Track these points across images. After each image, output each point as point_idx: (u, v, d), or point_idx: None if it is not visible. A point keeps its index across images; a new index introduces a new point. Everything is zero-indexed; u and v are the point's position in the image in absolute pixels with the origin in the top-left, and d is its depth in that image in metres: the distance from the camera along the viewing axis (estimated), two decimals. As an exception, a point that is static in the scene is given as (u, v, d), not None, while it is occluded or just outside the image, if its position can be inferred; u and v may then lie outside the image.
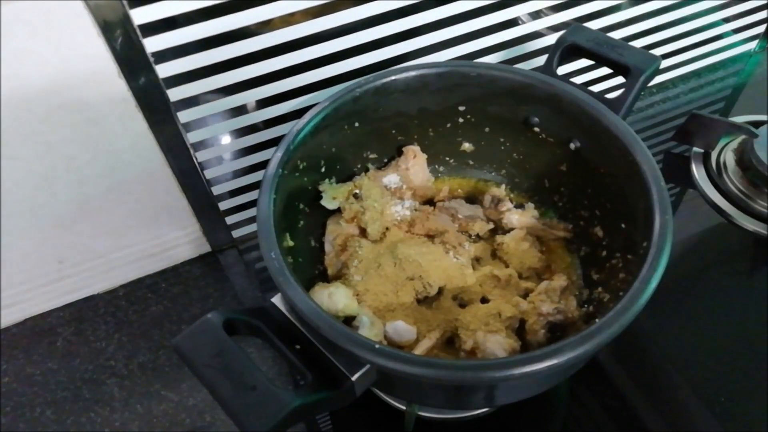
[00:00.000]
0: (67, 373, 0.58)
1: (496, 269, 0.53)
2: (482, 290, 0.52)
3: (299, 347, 0.39)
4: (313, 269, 0.54)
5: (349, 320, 0.47)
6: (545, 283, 0.51)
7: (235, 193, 0.62)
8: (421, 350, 0.47)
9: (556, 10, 0.64)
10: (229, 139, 0.57)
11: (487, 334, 0.46)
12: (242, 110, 0.55)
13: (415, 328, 0.48)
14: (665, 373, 0.55)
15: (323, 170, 0.54)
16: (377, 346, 0.36)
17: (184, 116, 0.53)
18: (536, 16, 0.63)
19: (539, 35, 0.65)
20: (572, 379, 0.52)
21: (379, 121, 0.55)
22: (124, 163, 0.54)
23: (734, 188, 0.67)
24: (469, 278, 0.52)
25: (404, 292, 0.50)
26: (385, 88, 0.52)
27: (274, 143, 0.58)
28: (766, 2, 0.79)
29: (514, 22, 0.62)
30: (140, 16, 0.45)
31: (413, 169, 0.57)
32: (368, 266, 0.51)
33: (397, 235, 0.55)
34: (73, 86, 0.47)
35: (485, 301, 0.51)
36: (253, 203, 0.60)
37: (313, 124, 0.49)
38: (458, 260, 0.53)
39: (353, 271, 0.51)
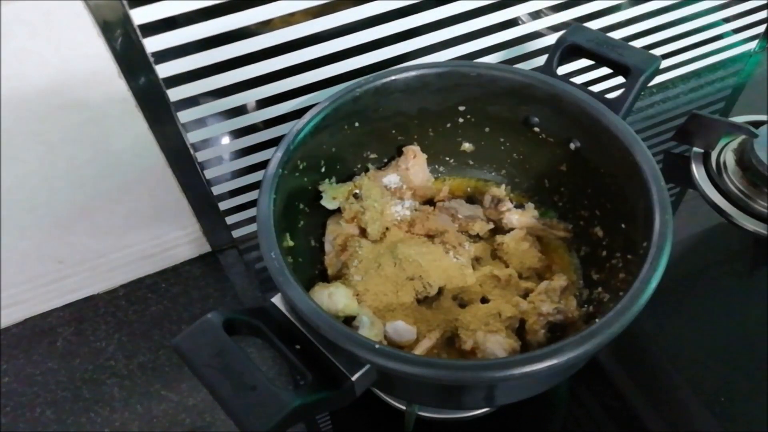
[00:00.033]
0: (67, 373, 0.58)
1: (496, 269, 0.53)
2: (482, 290, 0.52)
3: (299, 347, 0.39)
4: (313, 269, 0.54)
5: (349, 320, 0.47)
6: (545, 283, 0.51)
7: (235, 193, 0.62)
8: (421, 350, 0.47)
9: (556, 10, 0.64)
10: (229, 139, 0.57)
11: (487, 334, 0.46)
12: (242, 110, 0.55)
13: (415, 328, 0.48)
14: (665, 373, 0.55)
15: (323, 170, 0.54)
16: (377, 346, 0.36)
17: (184, 116, 0.53)
18: (536, 16, 0.63)
19: (539, 35, 0.65)
20: (572, 379, 0.52)
21: (379, 121, 0.55)
22: (124, 163, 0.54)
23: (734, 188, 0.67)
24: (469, 278, 0.52)
25: (404, 292, 0.50)
26: (385, 88, 0.52)
27: (274, 143, 0.58)
28: (765, 2, 0.79)
29: (514, 22, 0.62)
30: (140, 16, 0.45)
31: (413, 169, 0.57)
32: (368, 266, 0.51)
33: (397, 235, 0.55)
34: (73, 86, 0.47)
35: (485, 301, 0.51)
36: (253, 203, 0.60)
37: (313, 124, 0.49)
38: (458, 260, 0.53)
39: (353, 271, 0.51)
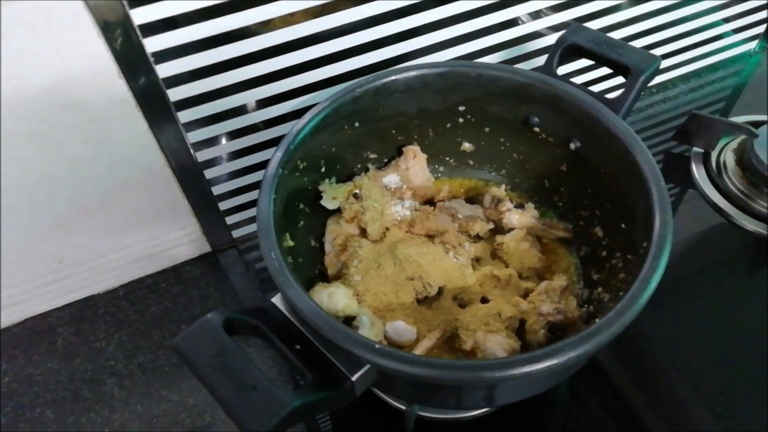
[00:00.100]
0: (67, 373, 0.58)
1: (496, 269, 0.53)
2: (482, 290, 0.52)
3: (299, 347, 0.39)
4: (313, 269, 0.54)
5: (349, 320, 0.47)
6: (545, 283, 0.51)
7: (235, 193, 0.62)
8: (421, 350, 0.47)
9: (556, 10, 0.64)
10: (229, 139, 0.57)
11: (487, 334, 0.46)
12: (242, 110, 0.55)
13: (415, 328, 0.48)
14: (665, 373, 0.55)
15: (323, 170, 0.54)
16: (377, 346, 0.36)
17: (184, 116, 0.53)
18: (536, 16, 0.63)
19: (539, 35, 0.65)
20: (572, 379, 0.52)
21: (379, 121, 0.55)
22: (124, 163, 0.54)
23: (734, 188, 0.67)
24: (469, 278, 0.52)
25: (404, 292, 0.50)
26: (385, 88, 0.52)
27: (274, 143, 0.58)
28: (765, 2, 0.79)
29: (514, 22, 0.62)
30: (140, 16, 0.45)
31: (413, 169, 0.57)
32: (368, 266, 0.51)
33: (397, 235, 0.55)
34: (73, 86, 0.47)
35: (485, 301, 0.51)
36: (253, 203, 0.60)
37: (313, 124, 0.49)
38: (458, 260, 0.53)
39: (353, 271, 0.51)
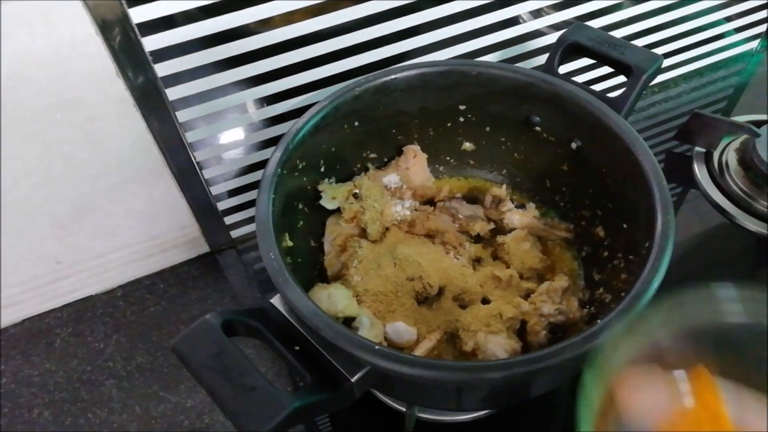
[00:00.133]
0: (65, 374, 0.58)
1: (496, 270, 0.52)
2: (483, 291, 0.52)
3: (298, 348, 0.39)
4: (312, 270, 0.54)
5: (348, 321, 0.47)
6: (546, 283, 0.50)
7: (233, 192, 0.62)
8: (421, 351, 0.47)
9: (557, 8, 0.64)
10: (227, 138, 0.57)
11: (488, 335, 0.46)
12: (241, 109, 0.55)
13: (415, 329, 0.48)
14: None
15: (323, 170, 0.54)
16: (377, 347, 0.36)
17: (182, 115, 0.53)
18: (537, 14, 0.63)
19: (540, 34, 0.65)
20: (573, 380, 0.52)
21: (379, 120, 0.55)
22: (122, 162, 0.54)
23: (736, 188, 0.66)
24: (469, 279, 0.52)
25: (404, 292, 0.50)
26: (385, 86, 0.52)
27: (273, 143, 0.58)
28: (767, 1, 0.78)
29: (515, 20, 0.62)
30: (139, 14, 0.45)
31: (413, 168, 0.57)
32: (368, 267, 0.51)
33: (397, 235, 0.55)
34: (71, 85, 0.47)
35: (486, 301, 0.51)
36: (251, 203, 0.60)
37: (312, 123, 0.49)
38: (458, 260, 0.53)
39: (353, 271, 0.51)
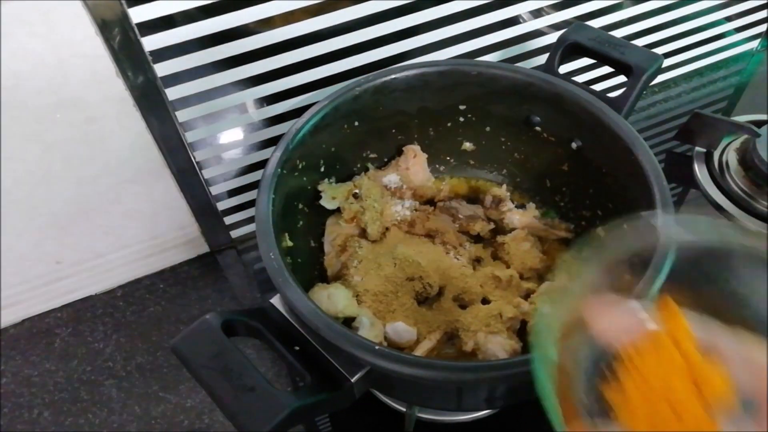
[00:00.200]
0: (65, 374, 0.57)
1: (497, 270, 0.52)
2: (483, 291, 0.52)
3: (298, 348, 0.39)
4: (312, 270, 0.54)
5: (348, 321, 0.47)
6: (546, 283, 0.50)
7: (233, 192, 0.62)
8: (421, 351, 0.47)
9: (557, 8, 0.64)
10: (227, 138, 0.57)
11: (488, 335, 0.46)
12: (241, 109, 0.55)
13: (415, 329, 0.48)
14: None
15: (323, 170, 0.53)
16: (377, 347, 0.36)
17: (182, 115, 0.53)
18: (537, 14, 0.63)
19: (540, 34, 0.65)
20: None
21: (379, 120, 0.55)
22: (122, 162, 0.54)
23: (736, 188, 0.66)
24: (469, 279, 0.52)
25: (404, 292, 0.50)
26: (385, 86, 0.52)
27: (272, 142, 0.58)
28: (767, 1, 0.78)
29: (515, 20, 0.62)
30: (138, 14, 0.45)
31: (413, 168, 0.57)
32: (368, 267, 0.51)
33: (397, 235, 0.55)
34: (71, 85, 0.47)
35: (486, 301, 0.51)
36: (251, 203, 0.60)
37: (312, 123, 0.49)
38: (458, 260, 0.53)
39: (353, 271, 0.51)
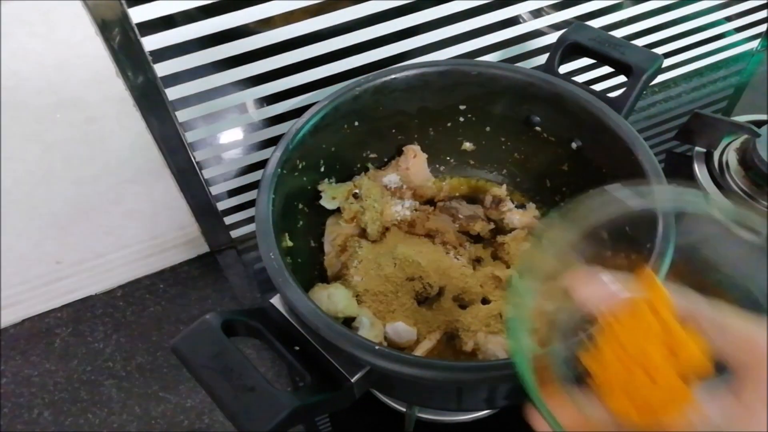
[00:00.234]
0: (65, 374, 0.57)
1: (496, 270, 0.52)
2: (483, 291, 0.52)
3: (298, 348, 0.39)
4: (312, 270, 0.54)
5: (348, 321, 0.47)
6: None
7: (233, 192, 0.62)
8: (421, 351, 0.47)
9: (557, 8, 0.64)
10: (227, 138, 0.57)
11: (488, 335, 0.46)
12: (241, 109, 0.55)
13: (415, 329, 0.48)
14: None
15: (323, 170, 0.53)
16: (377, 347, 0.36)
17: (182, 115, 0.53)
18: (537, 14, 0.63)
19: (540, 34, 0.65)
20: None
21: (379, 120, 0.55)
22: (122, 162, 0.54)
23: (736, 188, 0.66)
24: (469, 279, 0.52)
25: (404, 292, 0.50)
26: (385, 86, 0.52)
27: (272, 142, 0.58)
28: (767, 1, 0.78)
29: (515, 20, 0.62)
30: (138, 14, 0.45)
31: (413, 168, 0.57)
32: (368, 267, 0.51)
33: (397, 235, 0.55)
34: (71, 85, 0.47)
35: (486, 302, 0.51)
36: (251, 203, 0.60)
37: (312, 123, 0.49)
38: (458, 260, 0.53)
39: (353, 271, 0.51)
